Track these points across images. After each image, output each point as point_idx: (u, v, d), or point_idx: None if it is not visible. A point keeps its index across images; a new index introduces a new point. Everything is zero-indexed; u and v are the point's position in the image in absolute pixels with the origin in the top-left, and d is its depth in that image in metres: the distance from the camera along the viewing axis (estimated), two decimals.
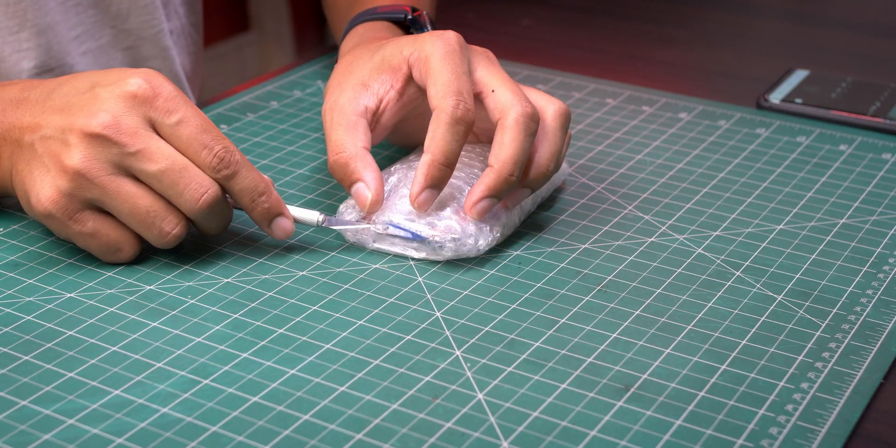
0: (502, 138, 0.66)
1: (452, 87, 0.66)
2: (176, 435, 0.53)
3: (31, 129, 0.64)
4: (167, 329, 0.61)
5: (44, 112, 0.64)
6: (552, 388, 0.57)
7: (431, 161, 0.66)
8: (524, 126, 0.66)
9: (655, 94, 0.92)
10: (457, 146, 0.66)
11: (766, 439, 0.54)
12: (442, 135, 0.66)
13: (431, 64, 0.68)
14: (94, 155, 0.62)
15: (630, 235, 0.71)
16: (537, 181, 0.68)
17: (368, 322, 0.62)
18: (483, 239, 0.67)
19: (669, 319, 0.63)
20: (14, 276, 0.66)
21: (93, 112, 0.62)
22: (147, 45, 0.93)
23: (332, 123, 0.69)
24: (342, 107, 0.69)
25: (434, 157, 0.66)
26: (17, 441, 0.53)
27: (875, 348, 0.60)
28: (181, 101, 0.64)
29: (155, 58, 0.94)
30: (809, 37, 1.06)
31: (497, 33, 1.06)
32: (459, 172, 0.71)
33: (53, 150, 0.63)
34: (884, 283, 0.66)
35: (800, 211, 0.74)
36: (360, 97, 0.70)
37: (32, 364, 0.58)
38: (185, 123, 0.63)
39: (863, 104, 0.88)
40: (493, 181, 0.66)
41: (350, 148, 0.67)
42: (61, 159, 0.62)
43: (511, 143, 0.66)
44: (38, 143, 0.64)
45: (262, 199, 0.65)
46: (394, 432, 0.54)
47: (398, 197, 0.68)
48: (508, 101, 0.67)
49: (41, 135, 0.64)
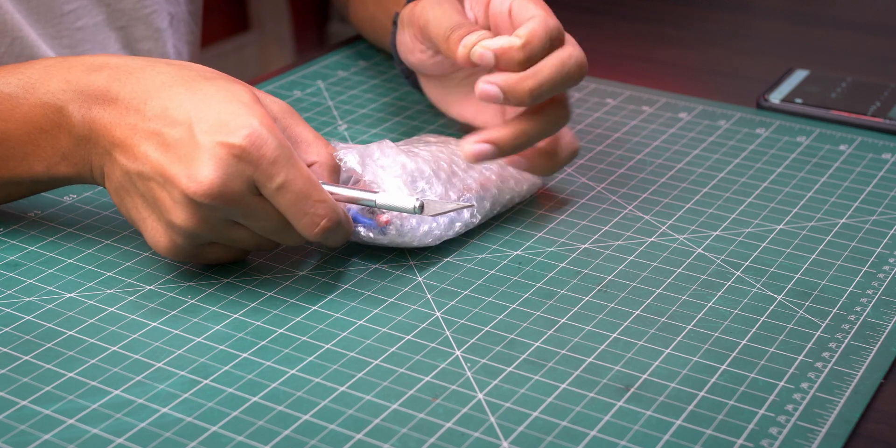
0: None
1: (551, 17, 0.68)
2: (176, 435, 0.53)
3: (124, 151, 0.62)
4: (167, 329, 0.61)
5: (136, 134, 0.61)
6: (552, 388, 0.57)
7: (513, 45, 0.65)
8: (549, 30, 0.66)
9: (655, 94, 0.92)
10: (543, 48, 0.66)
11: (766, 439, 0.54)
12: (539, 34, 0.66)
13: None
14: (201, 217, 0.61)
15: (630, 235, 0.71)
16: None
17: (368, 322, 0.62)
18: (426, 224, 0.67)
19: (669, 319, 0.63)
20: (14, 276, 0.66)
21: (195, 171, 0.59)
22: (140, 26, 0.93)
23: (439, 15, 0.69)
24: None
25: (525, 39, 0.65)
26: (17, 441, 0.53)
27: (875, 348, 0.60)
28: (283, 161, 0.60)
29: (147, 39, 0.94)
30: (809, 37, 1.06)
31: None
32: (429, 155, 0.70)
33: (157, 196, 0.61)
34: (884, 283, 0.66)
35: (800, 211, 0.74)
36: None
37: (32, 364, 0.58)
38: (285, 189, 0.61)
39: (863, 104, 0.88)
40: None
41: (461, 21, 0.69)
42: (169, 215, 0.61)
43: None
44: (137, 180, 0.62)
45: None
46: (394, 432, 0.54)
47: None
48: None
49: (139, 171, 0.61)
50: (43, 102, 0.64)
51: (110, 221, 0.71)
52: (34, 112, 0.64)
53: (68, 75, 0.64)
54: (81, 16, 0.89)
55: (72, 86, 0.64)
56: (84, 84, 0.64)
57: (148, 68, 0.64)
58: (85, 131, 0.63)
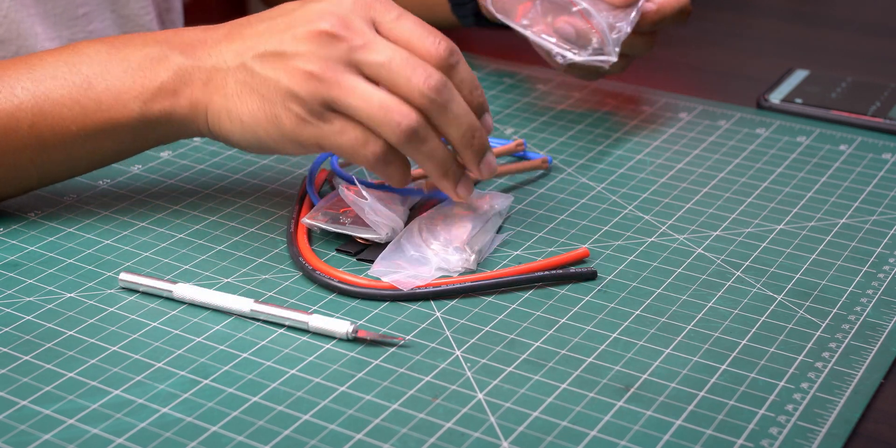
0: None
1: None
2: (176, 435, 0.53)
3: (236, 53, 0.65)
4: (167, 329, 0.61)
5: (247, 38, 0.65)
6: (552, 388, 0.57)
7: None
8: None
9: (655, 94, 0.92)
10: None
11: (766, 439, 0.54)
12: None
13: None
14: (324, 55, 0.63)
15: (630, 235, 0.71)
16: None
17: (369, 322, 0.62)
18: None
19: (669, 319, 0.63)
20: (14, 276, 0.66)
21: (316, 15, 0.63)
22: (142, 31, 0.94)
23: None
24: None
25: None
26: (17, 441, 0.53)
27: (875, 348, 0.60)
28: (395, 4, 0.65)
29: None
30: (809, 37, 1.06)
31: (497, 33, 1.06)
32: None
33: (277, 50, 0.63)
34: (884, 283, 0.66)
35: (800, 211, 0.74)
36: None
37: (32, 364, 0.58)
38: (405, 17, 0.64)
39: (863, 104, 0.88)
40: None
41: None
42: (293, 65, 0.63)
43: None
44: (254, 60, 0.64)
45: (478, 93, 0.66)
46: (394, 432, 0.54)
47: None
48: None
49: (256, 53, 0.64)
50: (141, 48, 0.67)
51: (110, 221, 0.71)
52: (133, 54, 0.67)
53: (157, 36, 0.68)
54: (93, 19, 0.90)
55: (167, 40, 0.68)
56: (175, 37, 0.68)
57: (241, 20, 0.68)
58: (184, 60, 0.66)
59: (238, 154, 0.80)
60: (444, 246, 0.66)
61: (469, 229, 0.67)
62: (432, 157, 0.64)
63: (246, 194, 0.75)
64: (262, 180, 0.77)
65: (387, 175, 0.65)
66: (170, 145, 0.81)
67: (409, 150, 0.64)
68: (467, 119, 0.64)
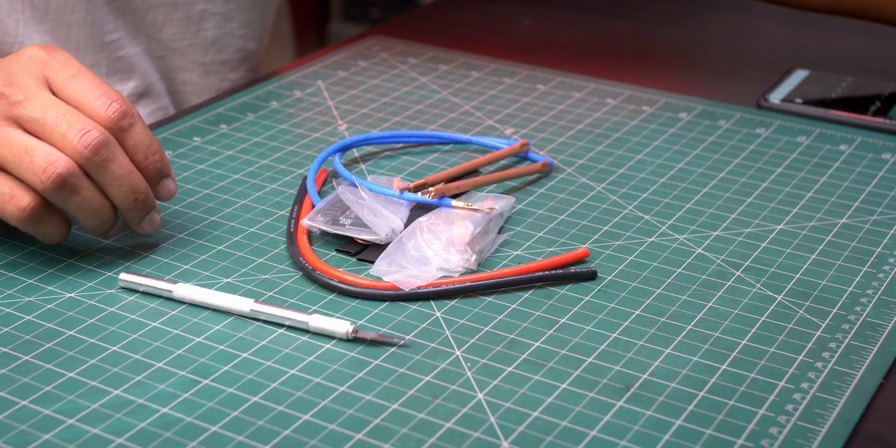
0: None
1: None
2: (176, 435, 0.53)
3: None
4: (167, 329, 0.61)
5: None
6: (552, 388, 0.57)
7: None
8: None
9: (655, 94, 0.92)
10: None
11: (766, 439, 0.54)
12: None
13: None
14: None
15: (630, 235, 0.71)
16: None
17: (369, 322, 0.62)
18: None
19: (669, 319, 0.63)
20: (14, 276, 0.66)
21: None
22: (177, 56, 0.95)
23: None
24: None
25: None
26: (17, 441, 0.53)
27: (875, 348, 0.60)
28: (76, 63, 0.64)
29: (184, 70, 0.96)
30: (809, 37, 1.06)
31: (497, 33, 1.06)
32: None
33: None
34: (884, 283, 0.66)
35: (800, 211, 0.74)
36: None
37: (32, 364, 0.58)
38: (81, 77, 0.64)
39: (863, 104, 0.88)
40: None
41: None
42: None
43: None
44: None
45: (155, 158, 0.65)
46: (394, 432, 0.54)
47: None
48: None
49: None
50: None
51: None
52: None
53: None
54: (123, 46, 0.90)
55: None
56: None
57: None
58: None
59: (238, 154, 0.80)
60: (445, 246, 0.66)
61: (471, 230, 0.67)
62: (83, 208, 0.63)
63: (246, 194, 0.75)
64: (262, 180, 0.77)
65: (41, 234, 0.64)
66: (170, 145, 0.81)
67: (59, 200, 0.63)
68: (129, 180, 0.63)
